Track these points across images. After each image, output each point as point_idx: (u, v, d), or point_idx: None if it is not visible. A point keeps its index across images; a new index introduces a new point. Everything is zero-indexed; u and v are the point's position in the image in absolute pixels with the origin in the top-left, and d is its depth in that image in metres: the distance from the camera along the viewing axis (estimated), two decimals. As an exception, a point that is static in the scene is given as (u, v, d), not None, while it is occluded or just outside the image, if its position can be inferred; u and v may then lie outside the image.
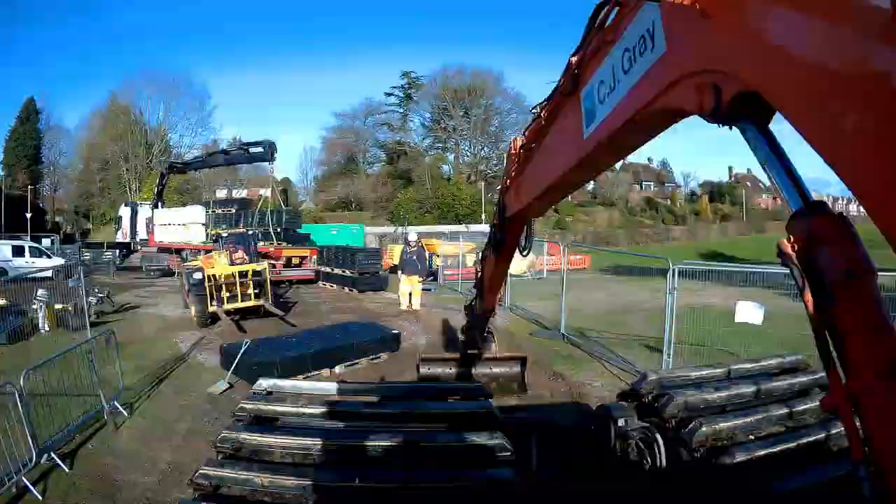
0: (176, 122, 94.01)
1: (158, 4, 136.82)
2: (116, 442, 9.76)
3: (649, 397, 7.89)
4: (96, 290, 20.45)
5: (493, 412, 7.06)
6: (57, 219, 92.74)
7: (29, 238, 47.82)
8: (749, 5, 2.36)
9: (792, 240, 2.38)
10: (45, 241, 51.84)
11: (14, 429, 8.35)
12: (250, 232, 28.12)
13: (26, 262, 33.86)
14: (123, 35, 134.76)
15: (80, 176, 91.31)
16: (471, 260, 32.38)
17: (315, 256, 30.62)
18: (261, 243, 29.28)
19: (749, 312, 12.14)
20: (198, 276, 18.43)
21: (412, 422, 7.02)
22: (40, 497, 7.99)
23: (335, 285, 28.56)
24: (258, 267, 19.31)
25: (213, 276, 18.25)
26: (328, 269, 29.44)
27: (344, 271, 27.99)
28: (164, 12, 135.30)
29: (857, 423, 2.20)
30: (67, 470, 8.72)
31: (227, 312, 18.24)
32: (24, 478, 8.11)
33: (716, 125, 2.77)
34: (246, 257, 20.32)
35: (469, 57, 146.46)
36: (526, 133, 5.97)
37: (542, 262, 36.26)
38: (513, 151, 6.55)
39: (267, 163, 33.41)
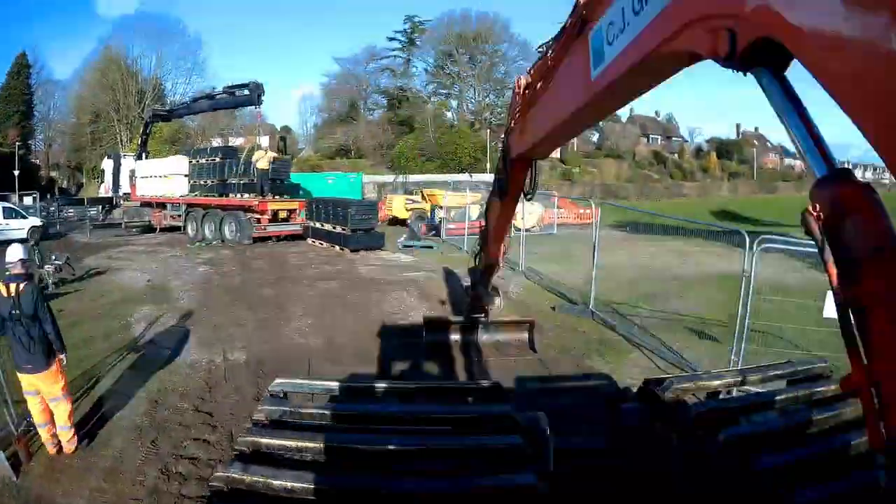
0: (169, 70, 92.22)
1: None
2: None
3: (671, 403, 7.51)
4: (53, 257, 18.27)
5: (512, 414, 6.80)
6: (52, 174, 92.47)
7: (17, 196, 45.77)
8: None
9: (816, 208, 2.26)
10: (27, 199, 49.73)
11: None
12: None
13: None
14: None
15: (72, 129, 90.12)
16: (476, 212, 30.36)
17: (304, 210, 28.31)
18: (246, 196, 27.66)
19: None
20: None
21: (427, 424, 6.93)
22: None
23: (324, 243, 25.64)
24: None
25: None
26: (317, 225, 26.38)
27: (334, 227, 25.01)
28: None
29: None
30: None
31: None
32: None
33: (730, 70, 2.73)
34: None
35: (475, 2, 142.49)
36: (531, 72, 6.00)
37: (551, 216, 34.55)
38: (517, 91, 6.50)
39: (254, 107, 32.13)
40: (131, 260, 22.87)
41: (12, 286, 7.72)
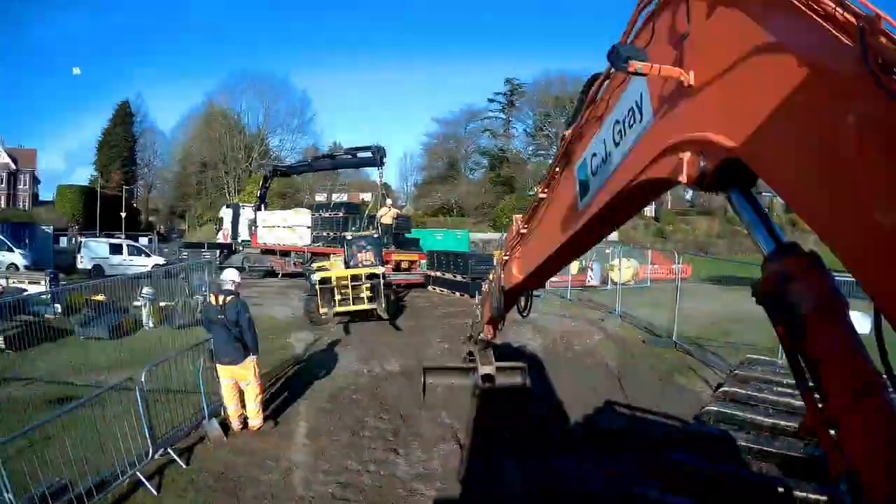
0: (275, 127, 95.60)
1: (250, 4, 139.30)
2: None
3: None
4: (203, 289, 20.50)
5: None
6: (150, 218, 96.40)
7: (124, 237, 49.03)
8: (729, 77, 2.50)
9: (766, 280, 2.59)
10: (143, 240, 53.85)
11: (131, 423, 8.48)
12: (376, 235, 28.28)
13: (123, 260, 35.25)
14: (218, 38, 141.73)
15: (177, 177, 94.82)
16: (575, 267, 32.02)
17: (424, 261, 30.23)
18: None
19: (855, 322, 13.04)
20: (314, 277, 18.91)
21: None
22: (155, 492, 8.05)
23: (445, 290, 27.59)
24: (376, 270, 19.09)
25: (328, 278, 18.59)
26: (438, 274, 28.52)
27: (455, 276, 27.08)
28: (256, 10, 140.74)
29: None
30: (184, 465, 8.82)
31: (339, 314, 18.51)
32: (139, 472, 8.17)
33: (703, 192, 3.06)
34: (374, 260, 20.22)
35: (570, 64, 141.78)
36: (524, 215, 6.09)
37: (644, 271, 36.16)
38: (514, 228, 6.48)
39: (375, 167, 33.48)
40: (266, 298, 24.51)
41: (221, 297, 10.32)
